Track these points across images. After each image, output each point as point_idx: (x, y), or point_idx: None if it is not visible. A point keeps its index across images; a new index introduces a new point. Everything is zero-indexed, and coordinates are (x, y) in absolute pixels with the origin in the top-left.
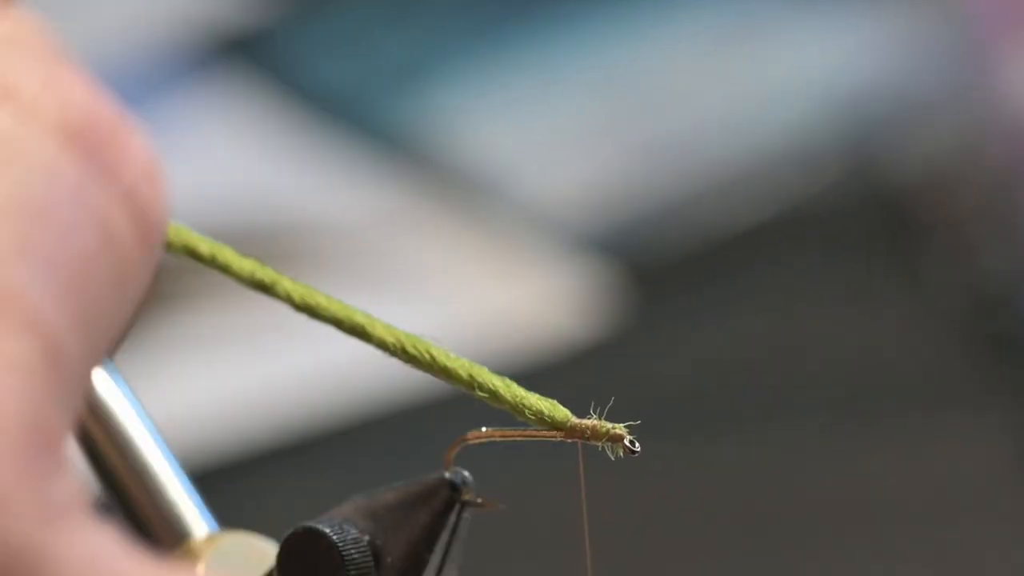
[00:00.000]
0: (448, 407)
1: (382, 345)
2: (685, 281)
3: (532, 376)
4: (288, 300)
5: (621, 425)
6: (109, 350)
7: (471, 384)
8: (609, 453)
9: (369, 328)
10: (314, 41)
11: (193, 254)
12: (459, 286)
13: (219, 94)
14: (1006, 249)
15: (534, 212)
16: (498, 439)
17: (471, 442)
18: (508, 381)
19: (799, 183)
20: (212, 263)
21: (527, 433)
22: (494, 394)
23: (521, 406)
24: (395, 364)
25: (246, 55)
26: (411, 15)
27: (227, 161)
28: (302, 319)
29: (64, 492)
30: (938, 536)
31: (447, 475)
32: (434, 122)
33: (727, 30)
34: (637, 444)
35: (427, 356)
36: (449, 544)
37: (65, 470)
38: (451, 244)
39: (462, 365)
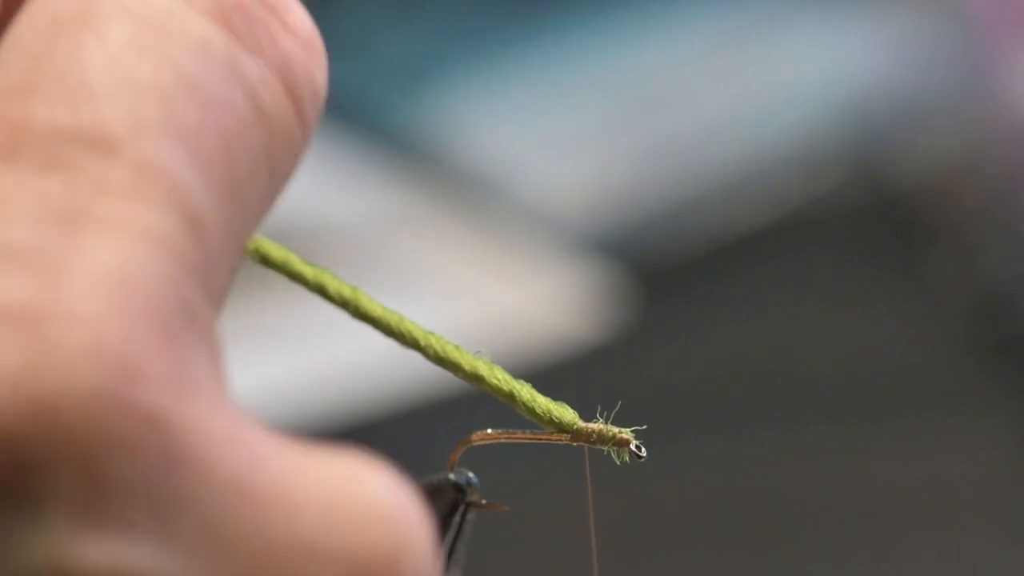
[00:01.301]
0: (452, 409)
1: (410, 341)
2: (689, 283)
3: (536, 377)
4: (340, 302)
5: (627, 430)
6: (256, 226)
7: (492, 382)
8: (615, 458)
9: (400, 326)
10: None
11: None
12: (464, 287)
13: None
14: (1009, 251)
15: (539, 214)
16: (503, 441)
17: (476, 444)
18: (523, 384)
19: (803, 186)
20: (281, 268)
21: (532, 436)
22: (510, 395)
23: (532, 407)
24: (398, 366)
25: None
26: (417, 17)
27: None
28: (303, 321)
29: (205, 367)
30: (941, 538)
31: (452, 476)
32: (439, 124)
33: (732, 33)
34: (643, 449)
35: (441, 350)
36: (454, 545)
37: (208, 346)
38: (456, 246)
39: (483, 364)
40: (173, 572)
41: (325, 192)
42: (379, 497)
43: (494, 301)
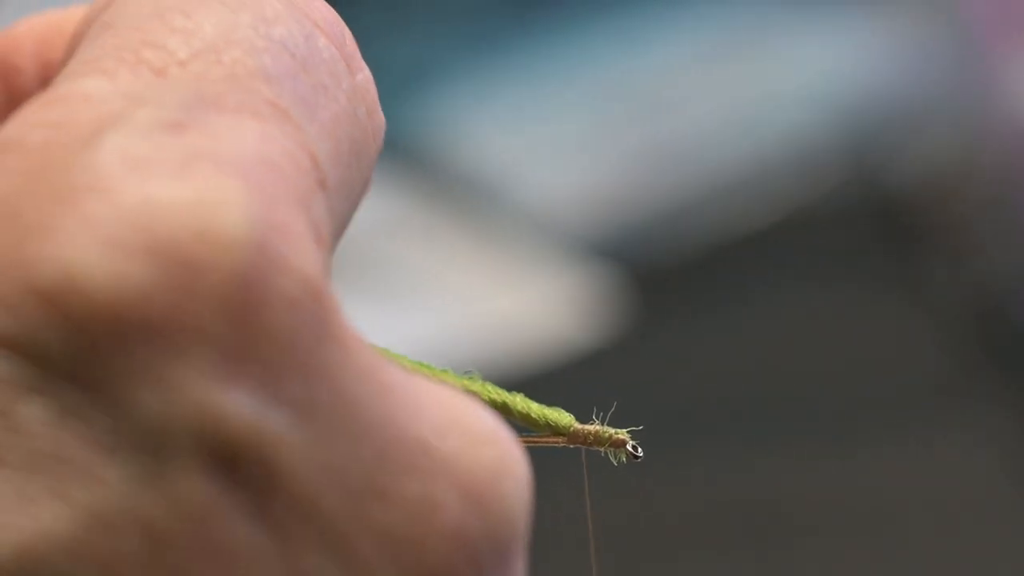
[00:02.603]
0: None
1: None
2: (686, 286)
3: (534, 380)
4: None
5: (624, 431)
6: (346, 227)
7: (485, 398)
8: (612, 459)
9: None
10: None
11: None
12: (462, 291)
13: None
14: (1006, 253)
15: (537, 218)
16: None
17: None
18: (515, 394)
19: (801, 189)
20: None
21: (531, 439)
22: (504, 406)
23: (528, 413)
24: None
25: None
26: (414, 23)
27: None
28: None
29: (327, 269)
30: (941, 539)
31: None
32: (437, 129)
33: (728, 37)
34: (640, 450)
35: (440, 378)
36: None
37: (327, 260)
38: (454, 250)
39: (470, 384)
40: (308, 442)
41: None
42: (485, 421)
43: (492, 305)
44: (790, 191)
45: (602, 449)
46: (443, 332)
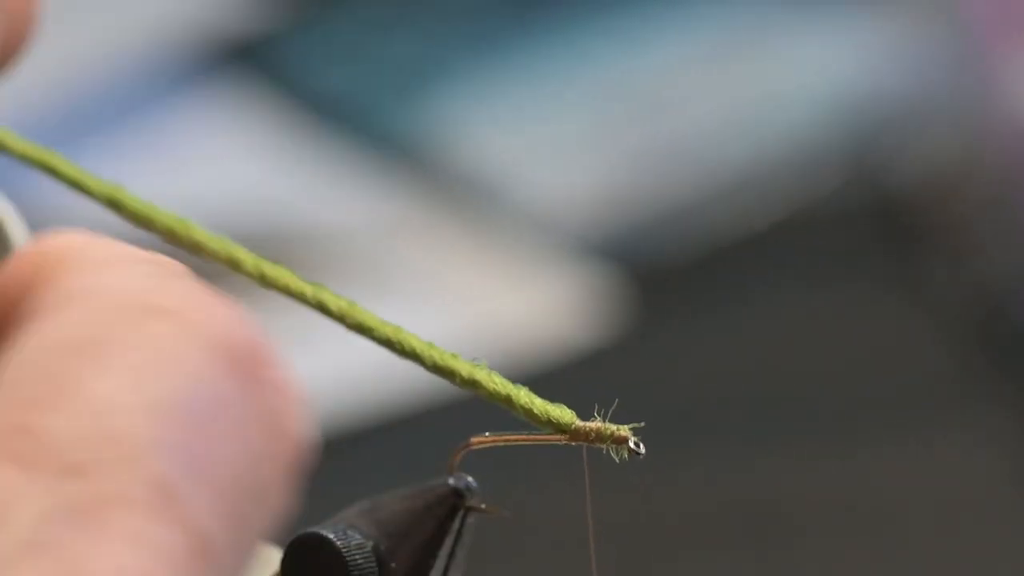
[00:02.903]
0: (452, 412)
1: (408, 352)
2: (687, 286)
3: (535, 381)
4: (337, 317)
5: (625, 427)
6: (250, 552)
7: (488, 388)
8: (613, 455)
9: (389, 334)
10: (318, 47)
11: (235, 265)
12: (462, 291)
13: (222, 100)
14: (1008, 253)
15: (537, 217)
16: (502, 444)
17: (475, 447)
18: (519, 387)
19: (801, 189)
20: (262, 280)
21: (532, 437)
22: (508, 399)
23: (530, 408)
24: (397, 369)
25: (250, 61)
26: (414, 22)
27: (230, 167)
28: (301, 326)
29: None
30: (942, 540)
31: (451, 481)
32: (437, 128)
33: (729, 36)
34: (642, 446)
35: (441, 361)
36: (453, 550)
37: None
38: (454, 249)
39: (476, 371)
40: None
41: (322, 197)
42: None
43: (492, 305)
44: (791, 191)
45: (604, 446)
46: (443, 331)
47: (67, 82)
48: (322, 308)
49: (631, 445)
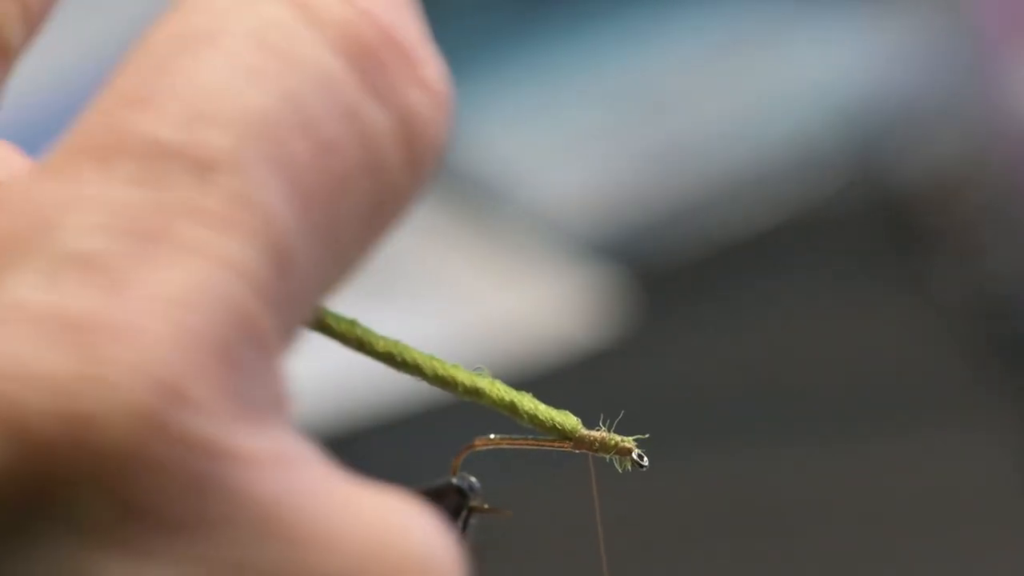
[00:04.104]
0: (456, 413)
1: (412, 367)
2: (691, 287)
3: (538, 381)
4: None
5: (630, 439)
6: (350, 271)
7: (491, 396)
8: (617, 466)
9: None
10: None
11: None
12: (466, 291)
13: None
14: (1011, 254)
15: (542, 218)
16: (506, 446)
17: (479, 449)
18: (523, 394)
19: (805, 189)
20: None
21: (536, 442)
22: (512, 406)
23: (535, 415)
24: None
25: None
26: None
27: None
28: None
29: (266, 394)
30: (943, 542)
31: (455, 481)
32: None
33: (734, 37)
34: (645, 459)
35: (443, 372)
36: None
37: (275, 376)
38: (459, 249)
39: (479, 381)
40: None
41: None
42: (417, 542)
43: (496, 305)
44: (795, 192)
45: (607, 456)
46: (447, 331)
47: (66, 82)
48: (322, 328)
49: (635, 457)
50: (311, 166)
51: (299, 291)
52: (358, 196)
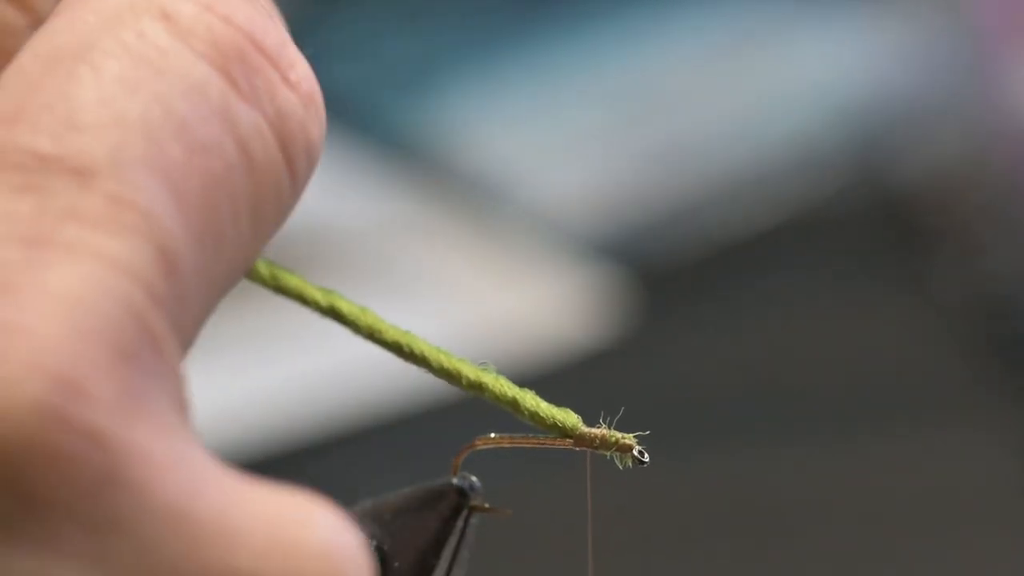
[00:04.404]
0: (457, 412)
1: (419, 358)
2: (692, 287)
3: (539, 381)
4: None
5: (630, 435)
6: (238, 272)
7: (494, 391)
8: (618, 463)
9: (399, 339)
10: (323, 46)
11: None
12: (466, 291)
13: None
14: (1012, 254)
15: (542, 217)
16: (507, 446)
17: (480, 448)
18: (526, 391)
19: (806, 189)
20: (272, 284)
21: (536, 440)
22: (514, 402)
23: (536, 412)
24: (402, 368)
25: None
26: (420, 21)
27: None
28: (305, 324)
29: (164, 395)
30: (945, 542)
31: (455, 481)
32: (442, 127)
33: (734, 37)
34: (646, 455)
35: (449, 365)
36: (456, 550)
37: (172, 376)
38: (459, 249)
39: (484, 376)
40: None
41: (328, 196)
42: (318, 534)
43: (496, 305)
44: (796, 192)
45: (608, 453)
46: (447, 331)
47: None
48: (335, 314)
49: (635, 454)
50: (187, 167)
51: (188, 291)
52: (237, 196)
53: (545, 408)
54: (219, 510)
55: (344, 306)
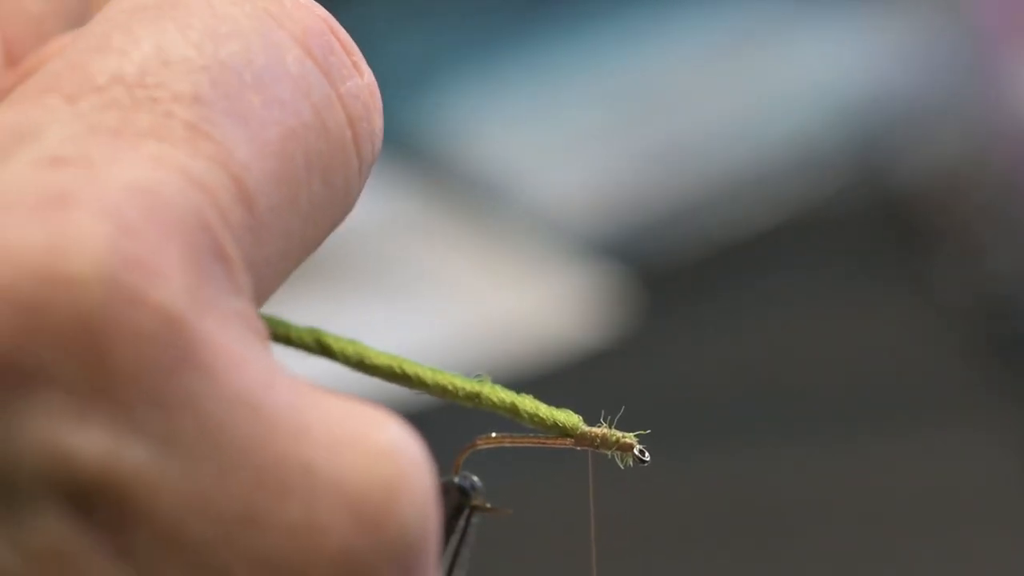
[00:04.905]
0: (457, 412)
1: (415, 382)
2: (693, 286)
3: (540, 381)
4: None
5: (631, 434)
6: (311, 237)
7: (493, 401)
8: (619, 462)
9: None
10: None
11: None
12: (467, 291)
13: None
14: (1013, 254)
15: (543, 217)
16: (508, 445)
17: (481, 447)
18: (523, 396)
19: (806, 189)
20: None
21: (538, 440)
22: (513, 407)
23: (536, 413)
24: None
25: None
26: (421, 21)
27: None
28: (306, 322)
29: (234, 313)
30: (945, 542)
31: (456, 480)
32: (444, 127)
33: (735, 36)
34: (647, 454)
35: (444, 381)
36: (457, 549)
37: (243, 303)
38: (460, 249)
39: (479, 387)
40: (169, 473)
41: None
42: (387, 435)
43: (497, 305)
44: (796, 192)
45: (609, 452)
46: (449, 331)
47: None
48: (324, 350)
49: (636, 453)
50: (265, 116)
51: (263, 231)
52: (311, 153)
53: (545, 410)
54: (290, 405)
55: (331, 340)
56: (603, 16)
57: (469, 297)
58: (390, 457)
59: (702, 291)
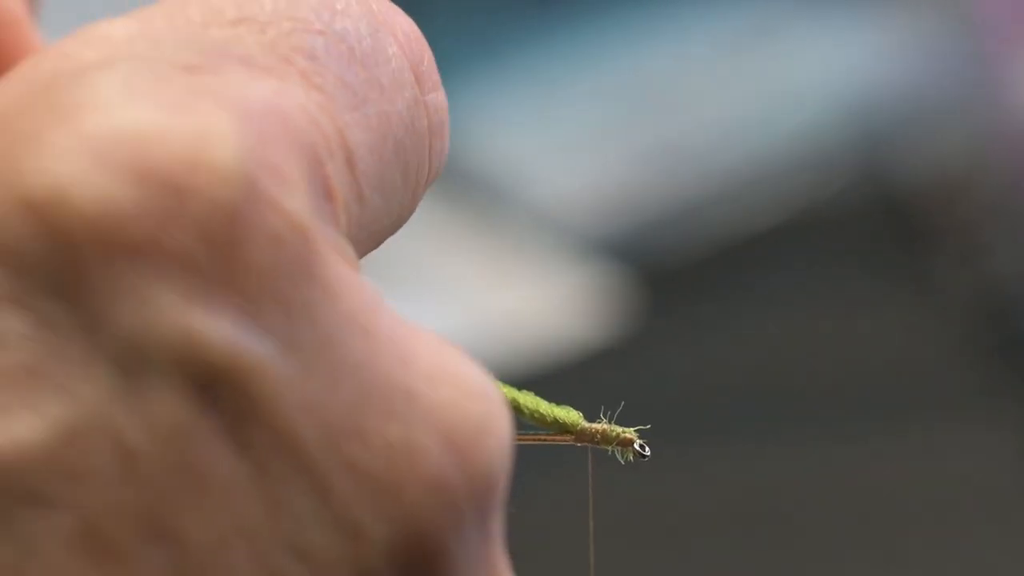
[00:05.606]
0: None
1: None
2: (696, 285)
3: (542, 379)
4: None
5: (631, 429)
6: (385, 225)
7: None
8: (619, 457)
9: None
10: None
11: None
12: (471, 289)
13: None
14: (1014, 253)
15: (545, 216)
16: None
17: None
18: (524, 392)
19: (809, 188)
20: None
21: (538, 437)
22: (514, 404)
23: (536, 410)
24: None
25: None
26: (422, 21)
27: None
28: None
29: (340, 240)
30: (946, 541)
31: None
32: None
33: (739, 36)
34: (647, 448)
35: None
36: None
37: (342, 235)
38: (463, 247)
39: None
40: (290, 374)
41: None
42: (481, 380)
43: (499, 303)
44: (800, 190)
45: (609, 448)
46: (450, 329)
47: None
48: None
49: (636, 447)
50: (365, 91)
51: (360, 190)
52: (399, 140)
53: (546, 407)
54: (395, 332)
55: None
56: (605, 16)
57: (471, 295)
58: (483, 396)
59: (703, 290)
